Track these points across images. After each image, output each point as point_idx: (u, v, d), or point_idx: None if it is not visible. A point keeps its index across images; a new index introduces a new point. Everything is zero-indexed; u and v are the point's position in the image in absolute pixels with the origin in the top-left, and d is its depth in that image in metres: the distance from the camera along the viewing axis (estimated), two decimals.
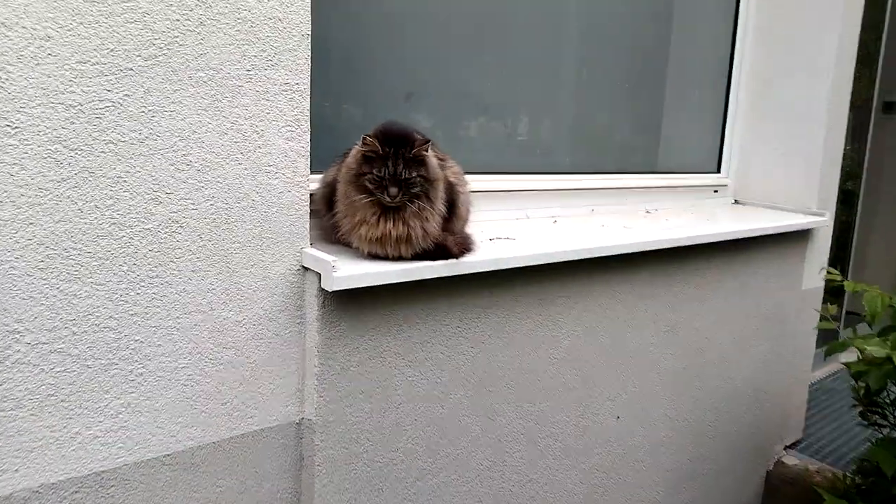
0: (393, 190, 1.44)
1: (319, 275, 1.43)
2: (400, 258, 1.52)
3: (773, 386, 3.12)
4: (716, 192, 3.16)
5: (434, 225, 1.53)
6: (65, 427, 1.23)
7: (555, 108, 2.57)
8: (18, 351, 1.16)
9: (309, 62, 1.42)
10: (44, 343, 1.18)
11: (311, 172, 1.49)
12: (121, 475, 1.31)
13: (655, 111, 2.98)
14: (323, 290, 1.45)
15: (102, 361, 1.25)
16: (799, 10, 2.99)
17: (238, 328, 1.41)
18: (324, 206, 1.62)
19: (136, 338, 1.28)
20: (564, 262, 1.90)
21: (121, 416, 1.29)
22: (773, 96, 3.11)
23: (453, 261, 1.59)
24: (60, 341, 1.20)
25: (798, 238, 3.01)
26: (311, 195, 1.50)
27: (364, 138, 1.44)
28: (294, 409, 1.54)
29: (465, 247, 1.66)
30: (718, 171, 3.22)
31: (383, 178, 1.44)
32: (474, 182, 1.84)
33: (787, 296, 3.04)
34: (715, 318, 2.62)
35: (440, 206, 1.54)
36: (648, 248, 2.14)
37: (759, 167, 3.20)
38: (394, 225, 1.48)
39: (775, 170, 3.16)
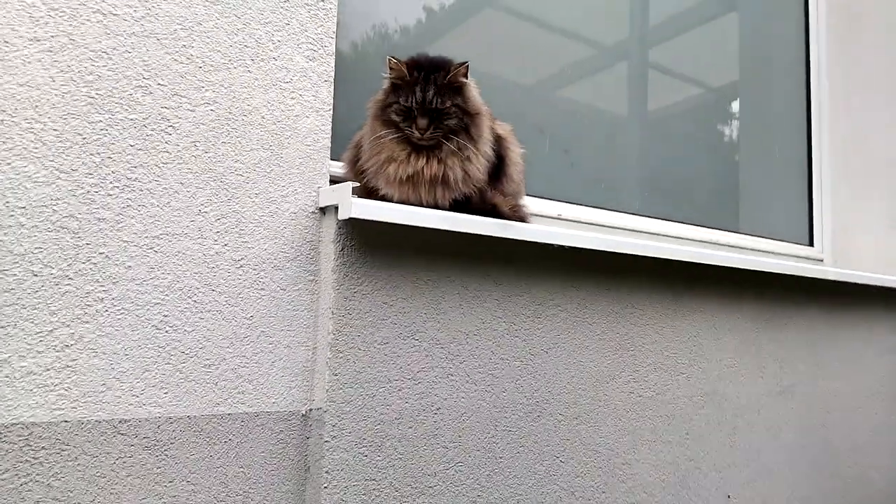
0: (422, 122, 1.20)
1: (336, 209, 1.17)
2: (436, 206, 1.24)
3: None
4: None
5: (477, 167, 1.25)
6: None
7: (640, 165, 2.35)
8: None
9: None
10: None
11: None
12: (56, 434, 0.97)
13: (732, 173, 2.71)
14: (342, 234, 1.18)
15: (54, 271, 0.98)
16: (879, 56, 2.78)
17: (234, 270, 1.13)
18: (351, 169, 1.38)
19: (101, 250, 1.02)
20: (649, 258, 1.56)
21: (68, 350, 0.99)
22: (871, 157, 2.79)
23: (504, 222, 1.30)
24: (2, 231, 0.95)
25: None
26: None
27: (389, 60, 1.24)
28: (300, 394, 1.19)
29: (518, 212, 1.37)
30: (811, 244, 2.85)
31: (411, 109, 1.21)
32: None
33: None
34: (834, 389, 2.12)
35: (485, 147, 1.28)
36: (759, 268, 1.78)
37: (861, 238, 2.80)
38: (427, 162, 1.22)
39: (882, 240, 2.76)
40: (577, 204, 1.99)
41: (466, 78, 1.26)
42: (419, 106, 1.21)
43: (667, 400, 1.66)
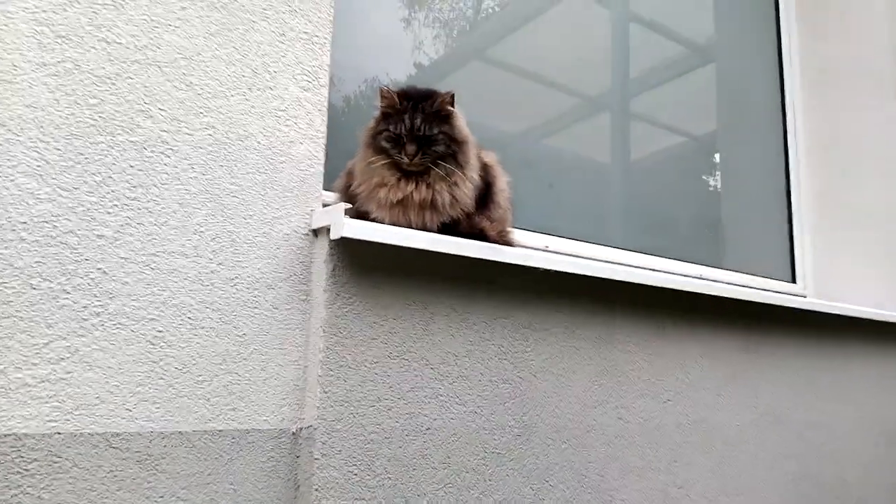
0: (411, 148, 1.25)
1: (329, 229, 1.20)
2: (424, 229, 1.28)
3: None
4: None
5: (464, 192, 1.30)
6: None
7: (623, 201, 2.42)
8: None
9: (331, 18, 1.35)
10: None
11: None
12: (49, 446, 0.98)
13: (714, 215, 2.79)
14: (333, 255, 1.21)
15: (52, 285, 1.01)
16: (850, 113, 2.89)
17: (228, 288, 1.16)
18: (344, 196, 1.42)
19: (99, 266, 1.05)
20: (635, 285, 1.60)
21: (63, 363, 1.00)
22: (845, 202, 2.88)
23: (492, 245, 1.34)
24: (2, 245, 0.97)
25: None
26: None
27: (380, 90, 1.30)
28: (291, 412, 1.20)
29: (504, 237, 1.41)
30: (793, 280, 2.90)
31: (401, 136, 1.27)
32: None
33: None
34: (819, 420, 2.14)
35: (472, 173, 1.33)
36: (744, 298, 1.82)
37: (841, 274, 2.86)
38: (416, 187, 1.27)
39: (862, 278, 2.81)
40: (565, 237, 2.04)
41: (453, 107, 1.31)
42: (408, 133, 1.26)
43: (654, 427, 1.68)
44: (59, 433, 0.99)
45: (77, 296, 1.02)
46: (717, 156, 2.87)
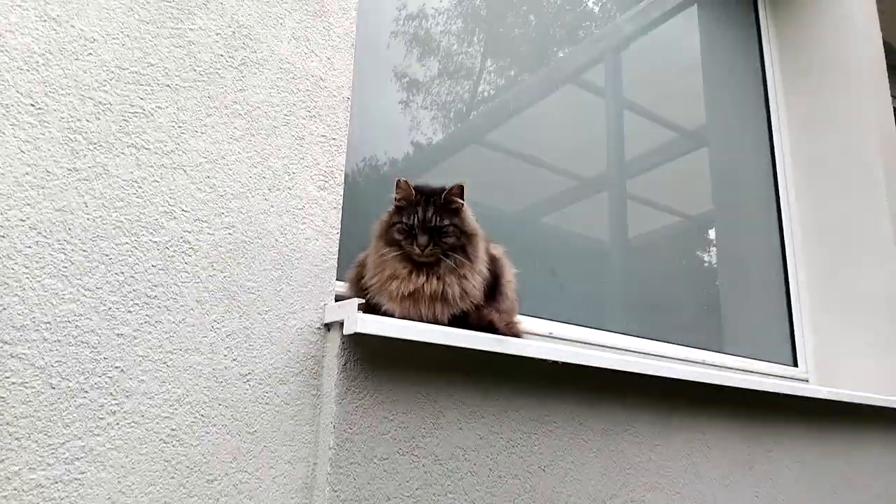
0: (423, 239, 1.30)
1: (342, 325, 1.23)
2: (435, 321, 1.31)
3: None
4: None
5: (474, 284, 1.34)
6: (1, 462, 0.96)
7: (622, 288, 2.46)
8: None
9: (347, 122, 1.42)
10: (5, 342, 0.98)
11: None
12: None
13: (713, 297, 2.82)
14: (345, 349, 1.23)
15: (71, 384, 1.02)
16: (842, 201, 2.97)
17: (241, 384, 1.18)
18: (355, 287, 1.46)
19: (117, 364, 1.07)
20: (641, 375, 1.61)
21: (77, 463, 1.01)
22: (843, 286, 2.92)
23: (501, 337, 1.37)
24: (26, 345, 1.00)
25: None
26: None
27: (397, 181, 1.36)
28: None
29: (513, 328, 1.44)
30: (795, 364, 2.91)
31: (412, 227, 1.32)
32: None
33: None
34: None
35: (481, 266, 1.37)
36: (750, 387, 1.82)
37: (843, 360, 2.87)
38: (427, 280, 1.30)
39: (864, 360, 2.82)
40: (567, 323, 2.06)
41: (462, 199, 1.36)
42: (420, 224, 1.31)
43: None
44: None
45: (94, 394, 1.04)
46: (713, 236, 2.92)
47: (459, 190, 1.36)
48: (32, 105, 1.06)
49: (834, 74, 3.02)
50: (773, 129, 3.17)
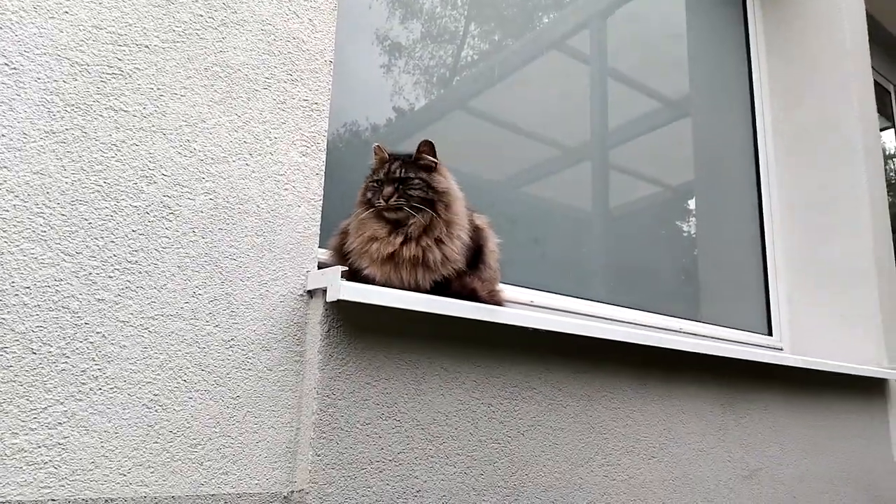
0: (387, 189, 1.31)
1: (325, 292, 1.23)
2: (417, 288, 1.31)
3: None
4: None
5: (453, 249, 1.34)
6: None
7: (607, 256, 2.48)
8: None
9: (330, 86, 1.40)
10: None
11: None
12: None
13: (691, 266, 2.86)
14: (328, 316, 1.24)
15: (52, 350, 1.02)
16: (821, 173, 3.01)
17: (223, 350, 1.18)
18: (337, 255, 1.46)
19: (98, 330, 1.06)
20: (619, 343, 1.64)
21: (60, 428, 1.01)
22: (819, 258, 2.97)
23: (484, 305, 1.38)
24: (5, 310, 0.99)
25: (878, 393, 2.63)
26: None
27: (374, 147, 1.38)
28: (283, 475, 1.20)
29: (495, 297, 1.45)
30: (770, 333, 2.97)
31: (380, 181, 1.33)
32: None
33: (877, 464, 2.56)
34: (799, 474, 2.18)
35: (460, 231, 1.37)
36: (726, 355, 1.86)
37: (815, 330, 2.94)
38: (405, 242, 1.30)
39: (837, 331, 2.89)
40: (548, 291, 2.08)
41: (434, 157, 1.36)
42: (385, 177, 1.32)
43: (640, 483, 1.70)
44: (53, 500, 0.99)
45: (76, 360, 1.03)
46: (693, 206, 2.95)
47: (428, 147, 1.36)
48: (7, 65, 1.03)
49: (817, 46, 3.03)
50: (756, 100, 3.18)
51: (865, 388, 2.55)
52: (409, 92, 2.01)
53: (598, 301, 2.27)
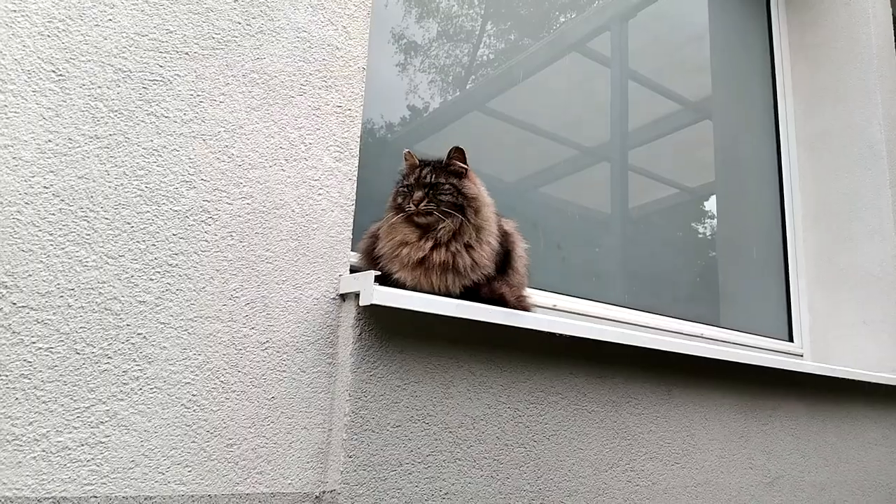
0: (417, 194, 1.33)
1: (357, 296, 1.25)
2: (447, 292, 1.33)
3: None
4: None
5: (482, 254, 1.35)
6: (30, 424, 0.98)
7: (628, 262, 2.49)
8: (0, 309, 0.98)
9: (363, 92, 1.42)
10: (32, 308, 1.00)
11: None
12: None
13: (711, 270, 2.85)
14: (360, 319, 1.25)
15: (95, 350, 1.04)
16: (844, 178, 2.99)
17: (259, 352, 1.20)
18: (367, 258, 1.47)
19: (140, 331, 1.08)
20: (644, 349, 1.65)
21: (102, 427, 1.03)
22: (842, 263, 2.95)
23: (512, 311, 1.39)
24: (51, 311, 1.01)
25: None
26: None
27: (405, 153, 1.39)
28: (315, 476, 1.23)
29: (522, 302, 1.46)
30: (791, 339, 2.96)
31: (410, 186, 1.35)
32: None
33: None
34: (821, 482, 2.17)
35: (489, 237, 1.38)
36: (748, 362, 1.86)
37: (837, 337, 2.92)
38: (436, 247, 1.32)
39: (859, 338, 2.87)
40: (570, 295, 2.09)
41: (464, 163, 1.38)
42: (415, 182, 1.34)
43: (663, 489, 1.70)
44: (95, 496, 1.01)
45: (118, 360, 1.06)
46: (714, 210, 2.94)
47: (459, 153, 1.38)
48: (54, 71, 1.06)
49: (842, 50, 3.01)
50: (778, 103, 3.16)
51: (887, 396, 2.54)
52: (424, 91, 2.02)
53: (617, 305, 2.27)
